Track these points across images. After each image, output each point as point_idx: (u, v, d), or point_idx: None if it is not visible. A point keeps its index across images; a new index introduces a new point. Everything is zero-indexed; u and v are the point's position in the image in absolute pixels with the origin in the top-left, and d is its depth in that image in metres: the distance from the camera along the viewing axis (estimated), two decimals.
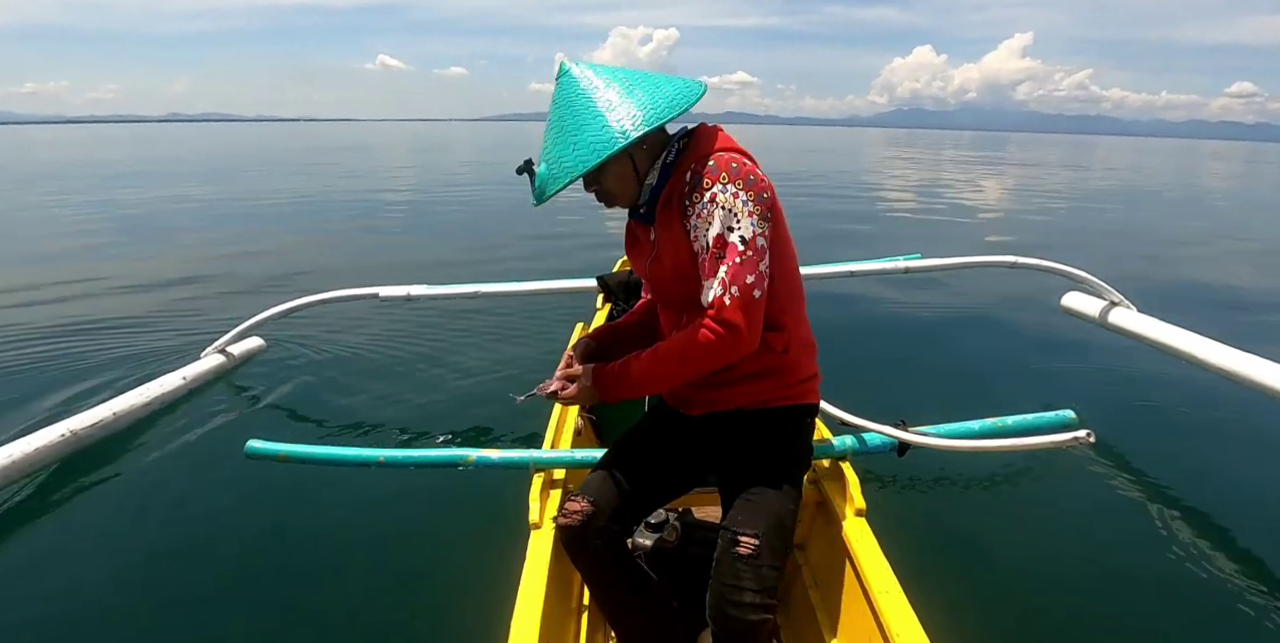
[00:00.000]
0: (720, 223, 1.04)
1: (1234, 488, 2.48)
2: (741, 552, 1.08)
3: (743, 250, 1.04)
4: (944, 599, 1.53)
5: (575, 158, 1.05)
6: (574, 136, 1.05)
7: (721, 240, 1.04)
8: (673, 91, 1.08)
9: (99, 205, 9.34)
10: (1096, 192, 14.43)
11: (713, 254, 1.05)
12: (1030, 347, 4.12)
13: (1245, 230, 9.77)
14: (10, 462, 2.22)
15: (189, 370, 3.08)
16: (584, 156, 1.04)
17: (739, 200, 1.04)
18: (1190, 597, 1.91)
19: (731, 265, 1.04)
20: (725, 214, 1.04)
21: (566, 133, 1.06)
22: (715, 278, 1.05)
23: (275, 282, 5.25)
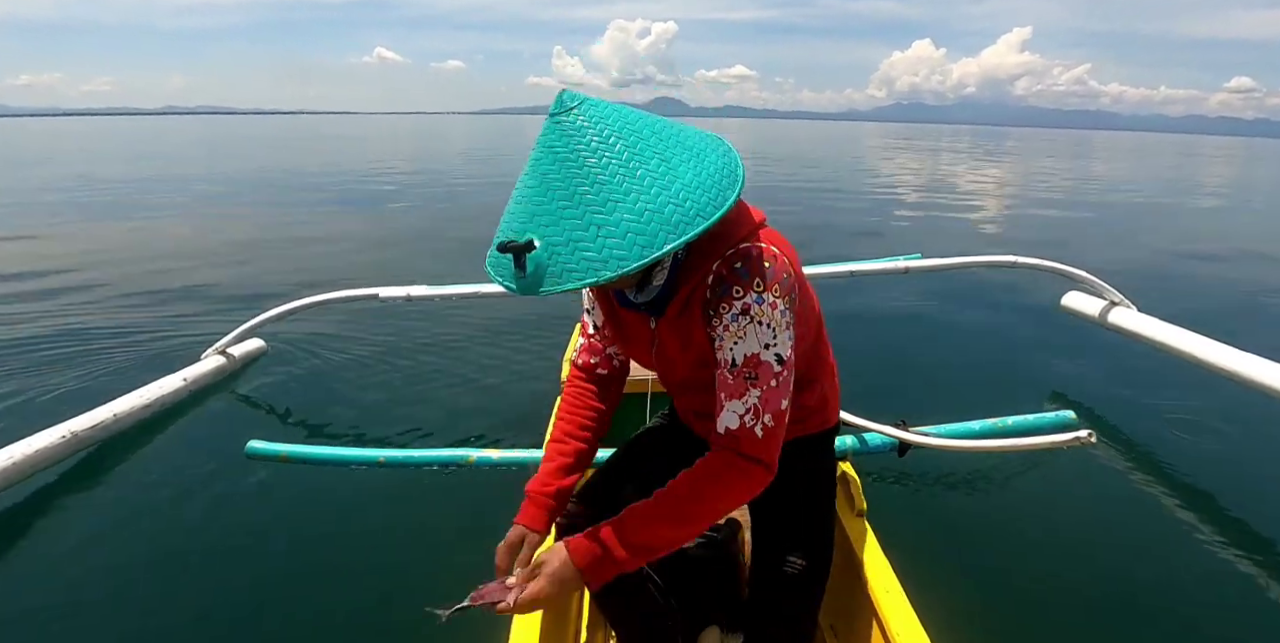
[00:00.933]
0: (756, 340, 0.87)
1: (1234, 488, 2.48)
2: (790, 572, 1.06)
3: (779, 371, 0.88)
4: (944, 599, 1.53)
5: (602, 250, 0.76)
6: (597, 215, 0.77)
7: (756, 360, 0.88)
8: (718, 164, 0.83)
9: (98, 203, 9.35)
10: (1102, 200, 14.41)
11: (741, 373, 0.88)
12: (1030, 347, 4.12)
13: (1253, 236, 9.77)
14: (11, 463, 2.22)
15: (189, 372, 3.08)
16: (617, 252, 0.76)
17: (777, 311, 0.88)
18: (1191, 596, 1.91)
19: (766, 389, 0.88)
20: (762, 330, 0.87)
21: (582, 208, 0.78)
22: (742, 401, 0.88)
23: (275, 283, 5.25)
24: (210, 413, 2.95)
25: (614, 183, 0.78)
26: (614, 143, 0.80)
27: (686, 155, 0.82)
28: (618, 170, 0.79)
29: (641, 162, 0.80)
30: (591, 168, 0.79)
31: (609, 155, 0.79)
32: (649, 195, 0.78)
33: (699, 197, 0.79)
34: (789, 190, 12.98)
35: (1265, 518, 2.28)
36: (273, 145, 23.88)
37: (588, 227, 0.78)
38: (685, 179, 0.80)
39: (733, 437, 0.89)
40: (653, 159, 0.80)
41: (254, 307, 3.52)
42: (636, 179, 0.79)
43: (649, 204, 0.78)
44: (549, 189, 0.80)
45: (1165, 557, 2.08)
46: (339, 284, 3.47)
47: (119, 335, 3.90)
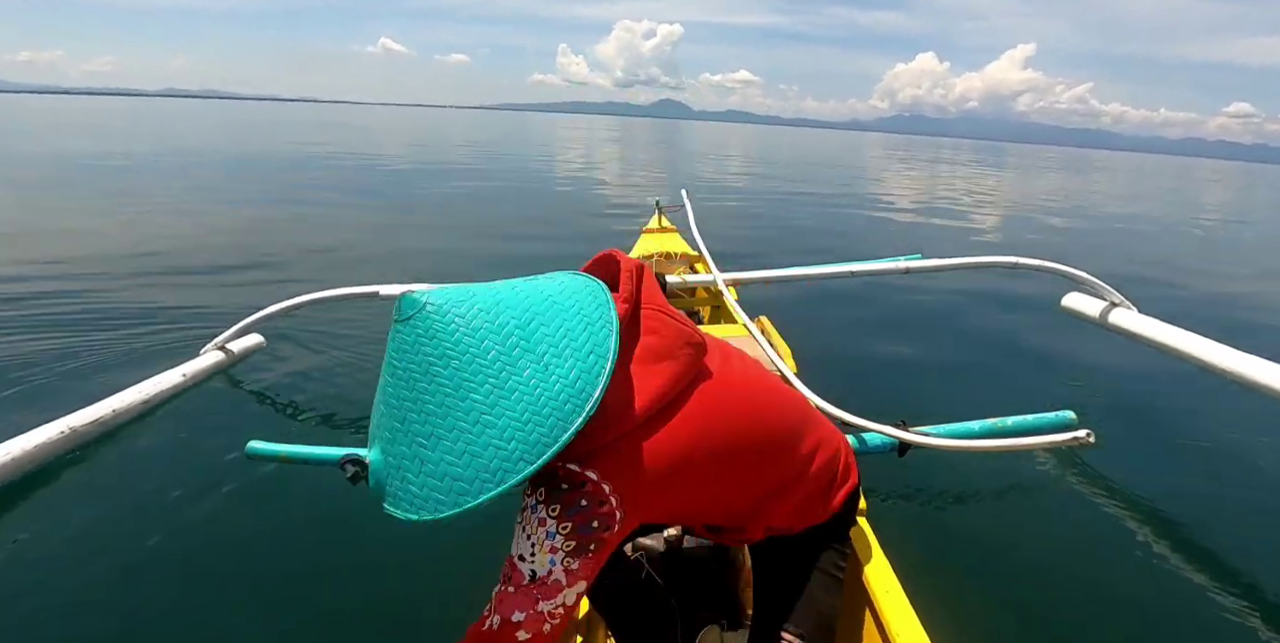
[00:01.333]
0: (521, 542, 0.81)
1: (1235, 488, 2.48)
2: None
3: (527, 586, 0.81)
4: (944, 599, 1.53)
5: (423, 487, 0.73)
6: (424, 449, 0.72)
7: (511, 560, 0.82)
8: (566, 380, 0.74)
9: (96, 195, 9.33)
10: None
11: (502, 570, 0.83)
12: (1031, 347, 4.12)
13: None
14: (9, 459, 2.22)
15: (188, 367, 3.08)
16: (435, 495, 0.73)
17: (543, 531, 0.80)
18: (1191, 596, 1.91)
19: (502, 592, 0.82)
20: (522, 540, 0.81)
21: (414, 436, 0.73)
22: (489, 603, 0.84)
23: (275, 278, 5.24)
24: (209, 409, 2.95)
25: (439, 415, 0.72)
26: (444, 365, 0.72)
27: (531, 370, 0.73)
28: (444, 400, 0.72)
29: (470, 390, 0.71)
30: (420, 393, 0.73)
31: (438, 380, 0.72)
32: (471, 434, 0.71)
33: (528, 433, 0.71)
34: (791, 195, 12.98)
35: (1266, 519, 2.28)
36: (278, 133, 23.87)
37: (413, 457, 0.73)
38: (515, 412, 0.71)
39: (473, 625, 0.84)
40: (483, 386, 0.72)
41: (252, 302, 3.51)
42: (461, 413, 0.71)
43: (470, 445, 0.71)
44: (389, 403, 0.76)
45: (1165, 557, 2.08)
46: (340, 281, 3.46)
47: (116, 330, 3.89)
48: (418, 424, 0.72)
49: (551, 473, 0.79)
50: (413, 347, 0.73)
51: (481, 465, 0.71)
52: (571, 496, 0.79)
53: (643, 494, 0.82)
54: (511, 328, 0.74)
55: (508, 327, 0.74)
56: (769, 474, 0.98)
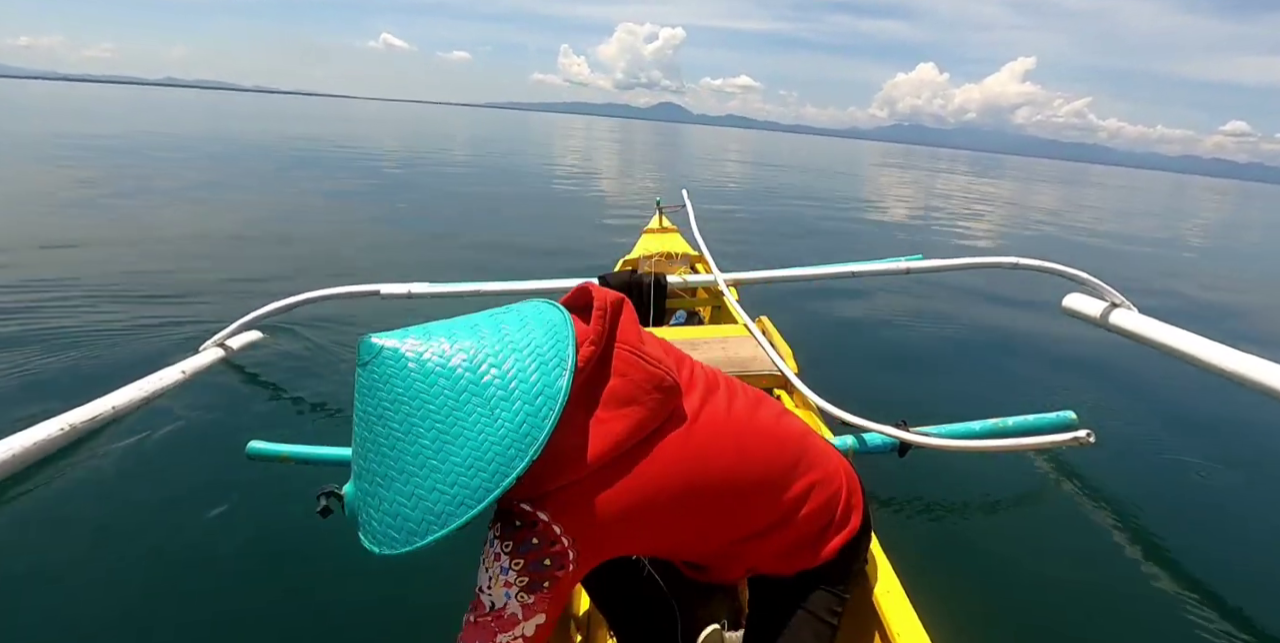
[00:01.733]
0: (483, 577, 0.84)
1: (1235, 488, 2.48)
2: None
3: (486, 616, 0.84)
4: (944, 599, 1.53)
5: (382, 523, 0.77)
6: (380, 489, 0.76)
7: (477, 599, 0.86)
8: (511, 424, 0.75)
9: (90, 189, 9.32)
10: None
11: (471, 602, 0.86)
12: (1031, 347, 4.12)
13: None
14: (10, 455, 2.21)
15: (188, 364, 3.07)
16: (388, 533, 0.77)
17: (499, 566, 0.82)
18: (1191, 596, 1.91)
19: (467, 624, 0.86)
20: (482, 573, 0.85)
21: (371, 474, 0.77)
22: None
23: (275, 276, 5.24)
24: (208, 406, 2.94)
25: (391, 458, 0.75)
26: (395, 410, 0.75)
27: (477, 415, 0.74)
28: (395, 444, 0.75)
29: (417, 436, 0.74)
30: (377, 435, 0.76)
31: (390, 424, 0.75)
32: (419, 478, 0.74)
33: (470, 478, 0.73)
34: (790, 199, 12.97)
35: (1266, 518, 2.28)
36: (279, 127, 23.80)
37: (373, 495, 0.77)
38: (459, 457, 0.74)
39: None
40: (430, 431, 0.74)
41: (253, 300, 3.51)
42: (410, 457, 0.74)
43: (417, 487, 0.74)
44: (355, 440, 0.80)
45: (1165, 557, 2.08)
46: (340, 279, 3.46)
47: (116, 327, 3.89)
48: (375, 464, 0.76)
49: (507, 510, 0.81)
50: (369, 391, 0.77)
51: (427, 508, 0.74)
52: (523, 534, 0.80)
53: (597, 536, 0.83)
54: (462, 372, 0.76)
55: (458, 371, 0.76)
56: (749, 518, 0.95)
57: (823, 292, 4.87)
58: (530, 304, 0.88)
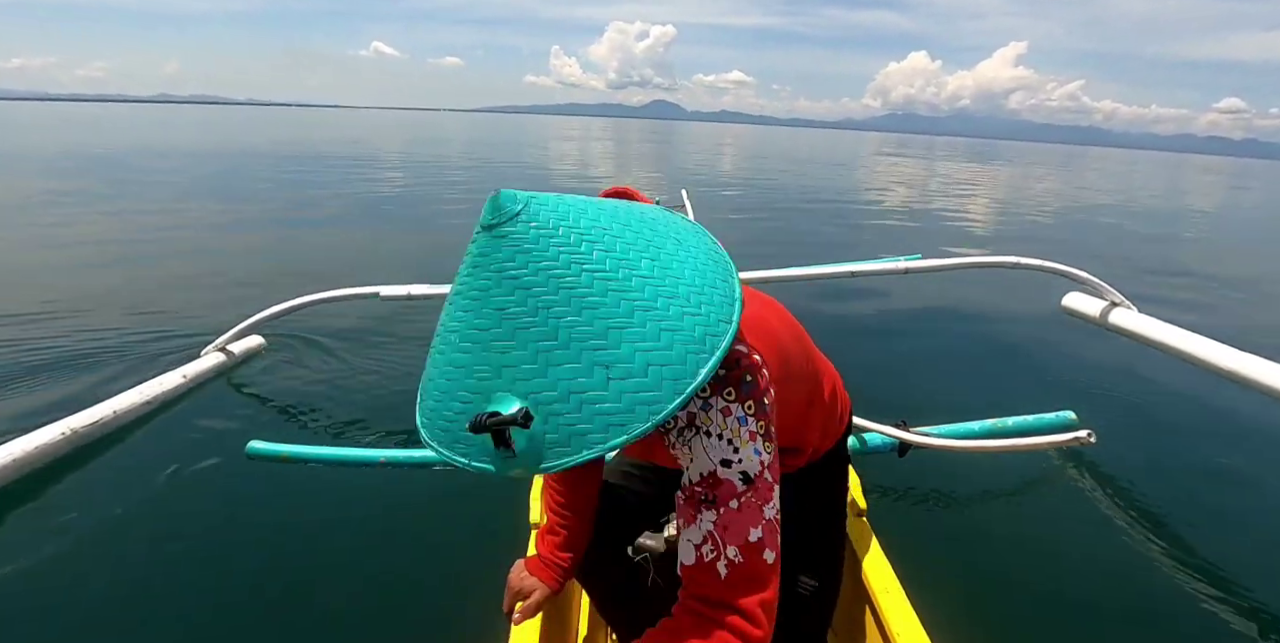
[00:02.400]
0: (712, 455, 0.70)
1: (1235, 488, 2.48)
2: (801, 592, 1.04)
3: (742, 491, 0.70)
4: (944, 599, 1.53)
5: (621, 398, 0.57)
6: (603, 351, 0.58)
7: (714, 480, 0.70)
8: (706, 246, 0.67)
9: (94, 197, 9.33)
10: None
11: (695, 494, 0.71)
12: (1031, 347, 4.12)
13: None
14: (10, 460, 2.22)
15: (189, 369, 3.08)
16: (646, 396, 0.58)
17: (734, 420, 0.69)
18: (1191, 596, 1.91)
19: (725, 512, 0.69)
20: (719, 444, 0.70)
21: (580, 343, 0.58)
22: (695, 528, 0.71)
23: (275, 279, 5.24)
24: (210, 410, 2.95)
25: (608, 303, 0.59)
26: (589, 249, 0.61)
27: (670, 244, 0.64)
28: (607, 285, 0.59)
29: (630, 266, 0.61)
30: (571, 288, 0.59)
31: (588, 266, 0.60)
32: (658, 309, 0.59)
33: (711, 295, 0.62)
34: (787, 193, 12.97)
35: (1266, 518, 2.28)
36: (272, 135, 23.79)
37: (590, 369, 0.58)
38: (688, 277, 0.62)
39: (690, 578, 0.71)
40: (641, 260, 0.61)
41: (253, 303, 3.51)
42: (634, 291, 0.60)
43: (661, 320, 0.59)
44: (514, 328, 0.60)
45: (1165, 557, 2.08)
46: (340, 282, 3.47)
47: (118, 332, 3.90)
48: (584, 326, 0.58)
49: (730, 363, 0.71)
50: (537, 241, 0.61)
51: (686, 338, 0.59)
52: (736, 374, 0.69)
53: (770, 365, 0.75)
54: (622, 211, 0.67)
55: (618, 209, 0.67)
56: (810, 381, 0.95)
57: (822, 292, 4.87)
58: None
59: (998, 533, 2.20)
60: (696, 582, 0.71)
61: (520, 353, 0.59)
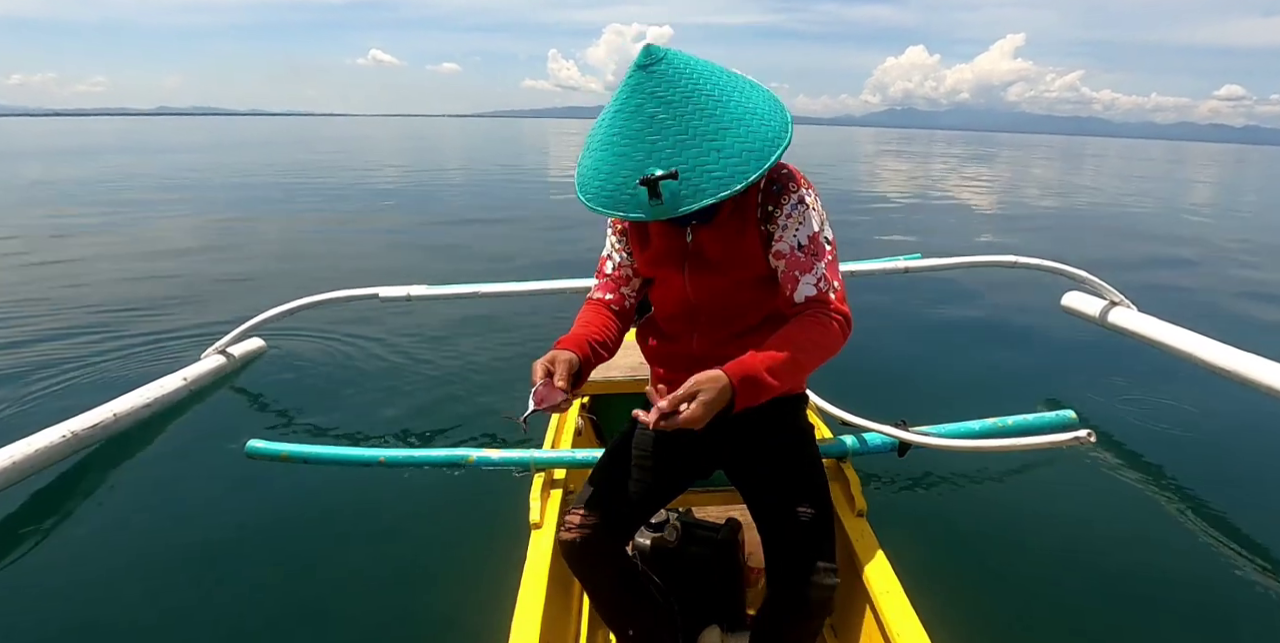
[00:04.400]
0: (813, 223, 1.06)
1: (1234, 487, 2.48)
2: (803, 520, 1.10)
3: (830, 250, 1.07)
4: (944, 599, 1.53)
5: (725, 168, 0.92)
6: (713, 141, 0.93)
7: (816, 239, 1.06)
8: (767, 92, 1.02)
9: (93, 203, 9.35)
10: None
11: (808, 250, 1.06)
12: (1030, 346, 4.12)
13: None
14: (11, 463, 2.22)
15: (189, 371, 3.08)
16: (737, 167, 0.92)
17: (820, 204, 1.08)
18: (1191, 596, 1.91)
19: (828, 262, 1.06)
20: (815, 216, 1.06)
21: (699, 137, 0.93)
22: (813, 273, 1.05)
23: (275, 282, 5.25)
24: (210, 413, 2.95)
25: (720, 114, 0.94)
26: (704, 83, 0.96)
27: (747, 86, 1.00)
28: (718, 105, 0.95)
29: (730, 95, 0.96)
30: (699, 104, 0.94)
31: (708, 93, 0.95)
32: (747, 120, 0.95)
33: (775, 116, 0.97)
34: None
35: (1265, 518, 2.28)
36: (271, 147, 23.80)
37: (708, 152, 0.93)
38: (760, 105, 0.98)
39: (814, 301, 1.05)
40: (734, 92, 0.97)
41: (254, 306, 3.52)
42: (733, 108, 0.95)
43: (748, 125, 0.95)
44: (661, 128, 0.94)
45: (1165, 556, 2.08)
46: (339, 284, 3.47)
47: (118, 335, 3.90)
48: (706, 127, 0.94)
49: (786, 166, 1.08)
50: (676, 76, 0.96)
51: (762, 137, 0.95)
52: (808, 180, 1.09)
53: None
54: (715, 66, 1.00)
55: (713, 65, 1.00)
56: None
57: None
58: None
59: (997, 533, 2.20)
60: (820, 303, 1.05)
61: (663, 142, 0.94)
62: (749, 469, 1.21)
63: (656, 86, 0.95)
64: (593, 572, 1.17)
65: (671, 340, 1.21)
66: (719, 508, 1.76)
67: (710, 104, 0.95)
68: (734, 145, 0.93)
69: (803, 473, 1.17)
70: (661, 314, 1.22)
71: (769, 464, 1.18)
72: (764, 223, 1.07)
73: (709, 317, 1.16)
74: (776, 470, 1.17)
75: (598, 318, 1.20)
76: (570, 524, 1.14)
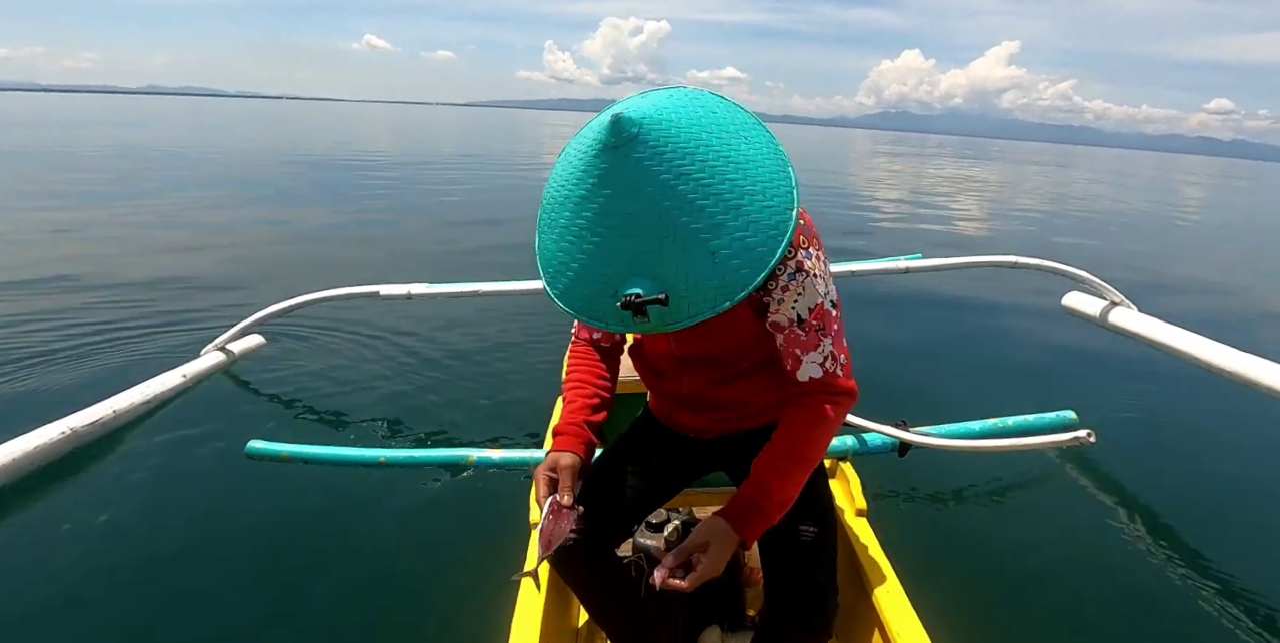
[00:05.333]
0: (815, 293, 0.95)
1: (1234, 487, 2.48)
2: (805, 539, 1.08)
3: (836, 316, 0.98)
4: (944, 599, 1.53)
5: (724, 276, 0.77)
6: (713, 242, 0.76)
7: (820, 310, 0.96)
8: (771, 148, 0.83)
9: (90, 194, 9.32)
10: None
11: (811, 326, 0.96)
12: (1031, 347, 4.12)
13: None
14: (10, 460, 2.21)
15: (189, 368, 3.08)
16: (738, 272, 0.77)
17: (822, 263, 0.96)
18: (1191, 596, 1.91)
19: (834, 335, 0.98)
20: (817, 282, 0.95)
21: (693, 239, 0.76)
22: (818, 351, 0.97)
23: (275, 279, 5.24)
24: (209, 409, 2.95)
25: (710, 205, 0.76)
26: (691, 162, 0.76)
27: (744, 145, 0.80)
28: (709, 192, 0.76)
29: (723, 173, 0.77)
30: (684, 194, 0.76)
31: (695, 177, 0.76)
32: (746, 206, 0.77)
33: (778, 186, 0.80)
34: None
35: (1265, 518, 2.28)
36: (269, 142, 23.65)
37: (699, 258, 0.76)
38: (760, 175, 0.79)
39: (819, 383, 0.99)
40: (728, 167, 0.78)
41: (253, 302, 3.51)
42: (726, 193, 0.77)
43: (749, 215, 0.77)
44: (642, 227, 0.77)
45: (1164, 556, 2.08)
46: (340, 281, 3.46)
47: (117, 330, 3.89)
48: (697, 224, 0.76)
49: None
50: (654, 158, 0.76)
51: (766, 226, 0.78)
52: (810, 226, 0.96)
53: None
54: (706, 118, 0.80)
55: (703, 117, 0.80)
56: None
57: None
58: None
59: (998, 533, 2.20)
60: (826, 385, 0.99)
61: (646, 245, 0.77)
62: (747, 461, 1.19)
63: (633, 173, 0.76)
64: (581, 577, 1.16)
65: (660, 376, 1.18)
66: (719, 508, 1.76)
67: (701, 191, 0.76)
68: (734, 244, 0.76)
69: (807, 490, 1.12)
70: (649, 350, 1.17)
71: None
72: (758, 291, 0.94)
73: (698, 360, 1.12)
74: None
75: (589, 370, 1.15)
76: (579, 530, 1.13)
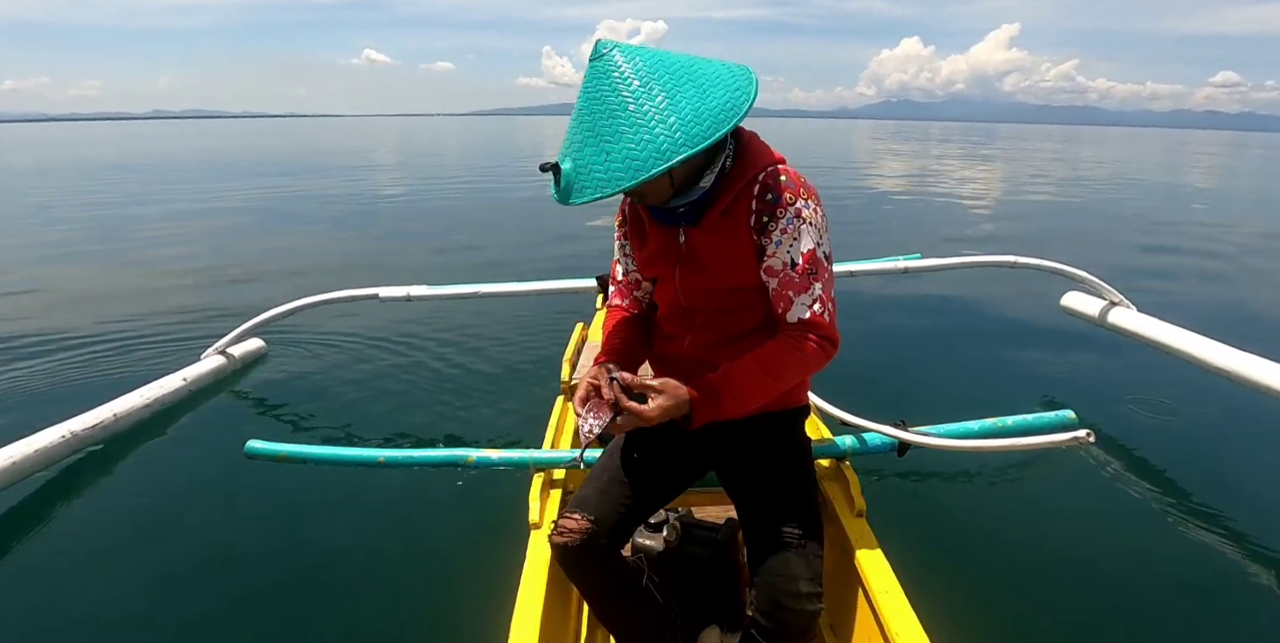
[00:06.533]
0: (811, 239, 1.04)
1: (1234, 487, 2.48)
2: (788, 541, 1.07)
3: (827, 267, 1.06)
4: (944, 599, 1.53)
5: (607, 171, 0.92)
6: (608, 143, 0.92)
7: (813, 256, 1.04)
8: (721, 100, 0.95)
9: (93, 205, 9.35)
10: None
11: (804, 270, 1.04)
12: (1030, 347, 4.12)
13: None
14: (10, 463, 2.22)
15: (189, 372, 3.08)
16: (617, 173, 0.91)
17: (820, 217, 1.05)
18: (1191, 596, 1.91)
19: (825, 281, 1.05)
20: (813, 231, 1.04)
21: (599, 137, 0.93)
22: (809, 294, 1.05)
23: (275, 283, 5.25)
24: (210, 413, 2.95)
25: (623, 116, 0.92)
26: (629, 82, 0.94)
27: (693, 91, 0.94)
28: (628, 105, 0.92)
29: (649, 97, 0.93)
30: (609, 104, 0.93)
31: (625, 93, 0.93)
32: (647, 127, 0.91)
33: (690, 129, 0.91)
34: None
35: (1265, 518, 2.28)
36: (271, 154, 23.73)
37: (599, 153, 0.93)
38: (683, 113, 0.92)
39: (807, 325, 1.05)
40: (658, 96, 0.93)
41: (254, 306, 3.52)
42: (642, 113, 0.92)
43: (645, 134, 0.91)
44: (580, 122, 0.96)
45: (1164, 556, 2.08)
46: (339, 284, 3.47)
47: (118, 335, 3.90)
48: (607, 127, 0.93)
49: (786, 172, 1.05)
50: (606, 73, 0.95)
51: (655, 148, 0.91)
52: (811, 186, 1.06)
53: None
54: (681, 64, 0.97)
55: (679, 64, 0.97)
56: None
57: None
58: None
59: (997, 533, 2.20)
60: (814, 327, 1.05)
61: (579, 136, 0.96)
62: (740, 479, 1.20)
63: (590, 81, 0.96)
64: (586, 576, 1.16)
65: (667, 341, 1.22)
66: (719, 508, 1.76)
67: (621, 105, 0.93)
68: (623, 151, 0.91)
69: (793, 491, 1.14)
70: (660, 314, 1.23)
71: (760, 477, 1.17)
72: (758, 233, 1.05)
73: (703, 319, 1.16)
74: (766, 485, 1.16)
75: (621, 327, 1.24)
76: (563, 528, 1.13)
